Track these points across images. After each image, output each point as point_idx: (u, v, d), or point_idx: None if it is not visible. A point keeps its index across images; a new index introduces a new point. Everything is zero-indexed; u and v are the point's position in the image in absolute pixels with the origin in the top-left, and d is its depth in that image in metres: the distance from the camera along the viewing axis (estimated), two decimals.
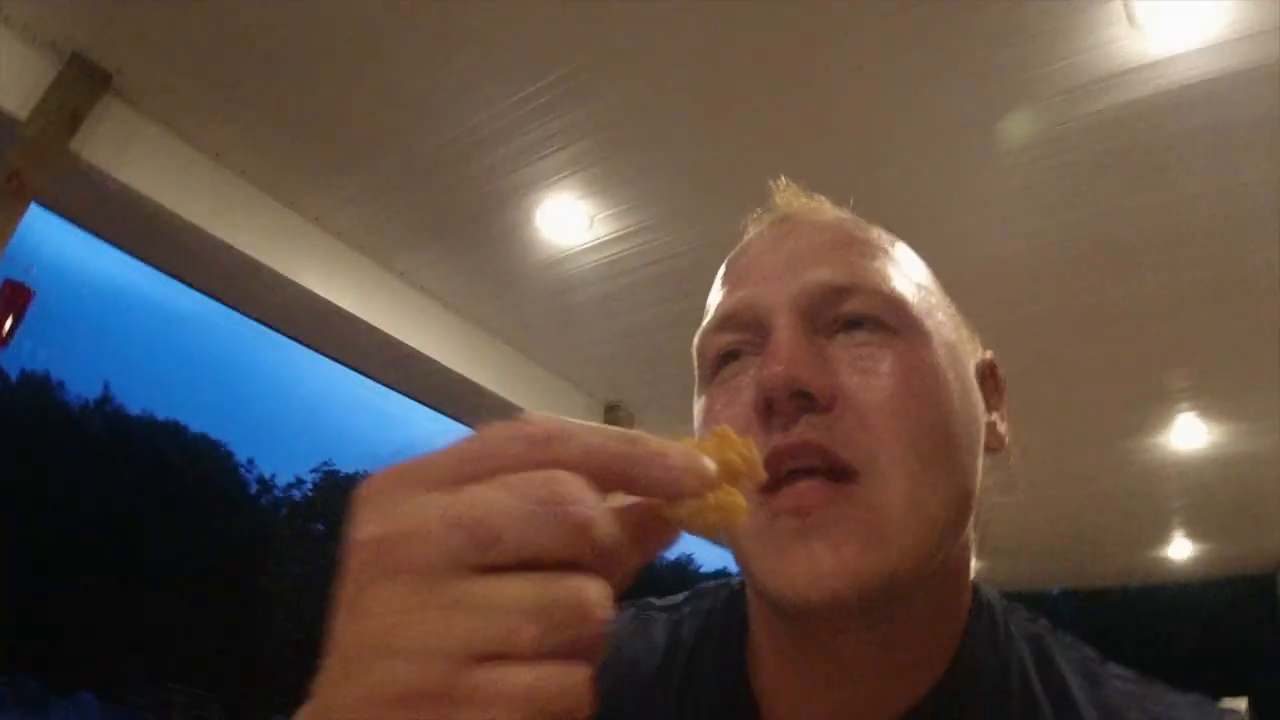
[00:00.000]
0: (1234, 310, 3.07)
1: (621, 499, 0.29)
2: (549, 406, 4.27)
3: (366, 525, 0.27)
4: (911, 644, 0.52)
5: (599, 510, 0.27)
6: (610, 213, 3.07)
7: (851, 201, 0.64)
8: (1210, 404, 3.81)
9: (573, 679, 0.25)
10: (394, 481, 0.28)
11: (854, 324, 0.51)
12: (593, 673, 0.26)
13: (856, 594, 0.46)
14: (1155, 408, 3.92)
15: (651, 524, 0.30)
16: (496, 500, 0.26)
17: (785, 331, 0.50)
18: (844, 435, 0.48)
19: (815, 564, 0.46)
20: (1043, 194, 2.68)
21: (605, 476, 0.28)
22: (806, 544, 0.47)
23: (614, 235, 3.19)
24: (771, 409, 0.49)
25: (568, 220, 3.13)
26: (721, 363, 0.55)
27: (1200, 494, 4.83)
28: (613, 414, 4.53)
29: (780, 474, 0.48)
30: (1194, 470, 4.46)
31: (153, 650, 13.54)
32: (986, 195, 2.72)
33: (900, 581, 0.47)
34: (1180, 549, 5.81)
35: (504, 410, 4.18)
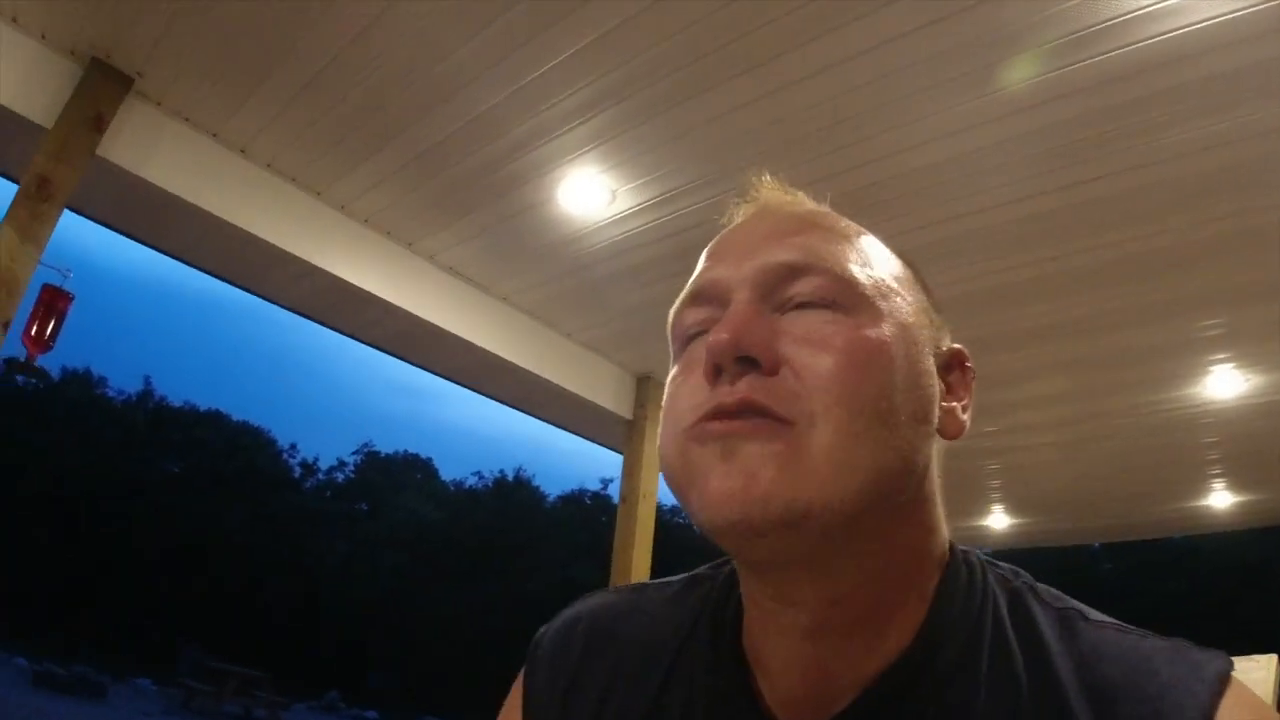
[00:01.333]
0: (1265, 255, 3.02)
1: None
2: (581, 379, 4.31)
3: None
4: (868, 603, 0.55)
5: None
6: (632, 185, 3.08)
7: (829, 197, 0.67)
8: (1245, 351, 3.76)
9: None
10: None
11: (806, 304, 0.55)
12: None
13: (764, 516, 0.48)
14: (1189, 357, 3.87)
15: None
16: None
17: (739, 304, 0.55)
18: (784, 396, 0.51)
19: (730, 481, 0.50)
20: (1057, 146, 2.64)
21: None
22: (726, 463, 0.50)
23: (637, 207, 3.20)
24: (720, 372, 0.53)
25: (590, 194, 3.14)
26: (690, 339, 0.59)
27: (1239, 443, 4.77)
28: (644, 385, 4.56)
29: None
30: (1232, 420, 4.41)
31: (205, 633, 13.89)
32: (1001, 149, 2.69)
33: (814, 522, 0.49)
34: (1220, 499, 5.75)
35: (537, 386, 4.24)
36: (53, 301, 2.85)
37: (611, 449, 4.96)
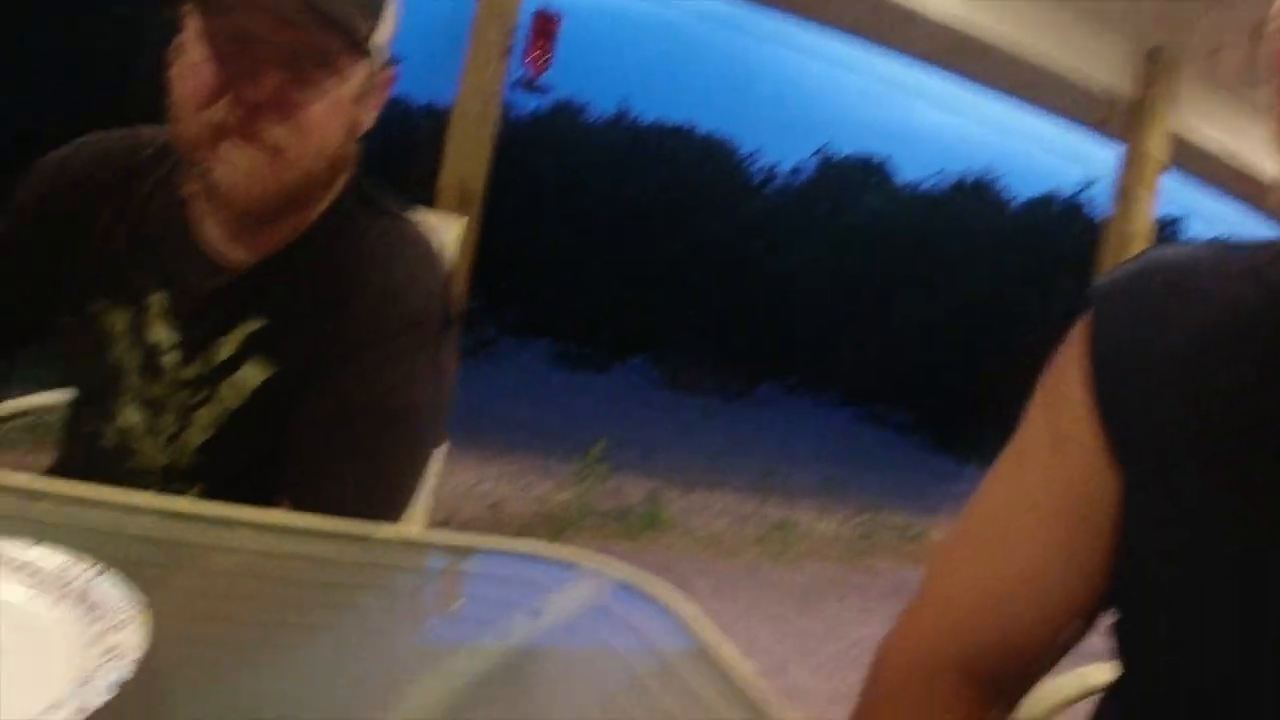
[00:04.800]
0: None
1: None
2: (1072, 53, 3.72)
3: None
4: None
5: None
6: None
7: None
8: None
9: None
10: None
11: None
12: None
13: None
14: None
15: None
16: None
17: None
18: None
19: None
20: None
21: None
22: None
23: None
24: None
25: None
26: None
27: None
28: (1155, 59, 3.81)
29: None
30: None
31: (687, 326, 15.74)
32: None
33: None
34: None
35: (1019, 63, 3.74)
36: (544, 25, 3.08)
37: (1109, 136, 4.31)
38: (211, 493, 0.77)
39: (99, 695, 0.41)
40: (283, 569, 0.65)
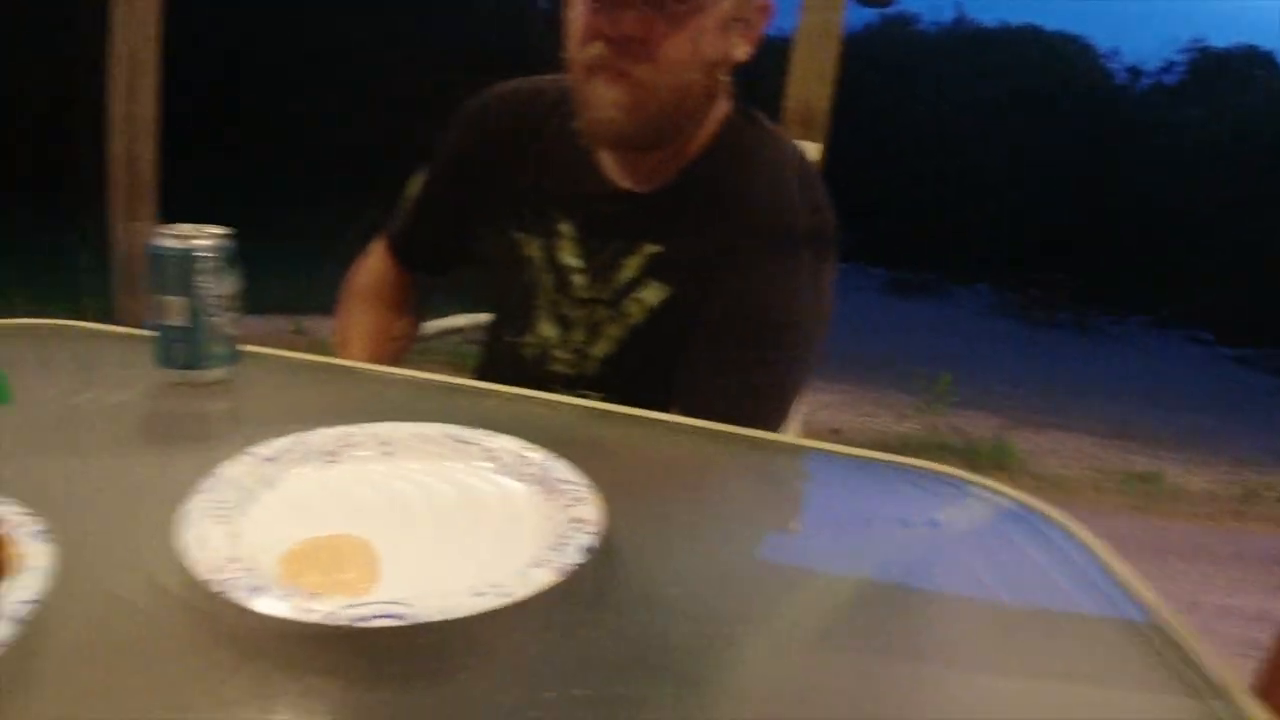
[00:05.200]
0: None
1: None
2: None
3: None
4: None
5: None
6: None
7: None
8: None
9: None
10: None
11: None
12: None
13: None
14: None
15: None
16: None
17: None
18: None
19: None
20: None
21: None
22: None
23: None
24: None
25: None
26: None
27: None
28: None
29: None
30: None
31: (1035, 247, 14.47)
32: None
33: None
34: None
35: None
36: None
37: None
38: (612, 401, 0.83)
39: (574, 557, 0.47)
40: (690, 464, 0.71)
